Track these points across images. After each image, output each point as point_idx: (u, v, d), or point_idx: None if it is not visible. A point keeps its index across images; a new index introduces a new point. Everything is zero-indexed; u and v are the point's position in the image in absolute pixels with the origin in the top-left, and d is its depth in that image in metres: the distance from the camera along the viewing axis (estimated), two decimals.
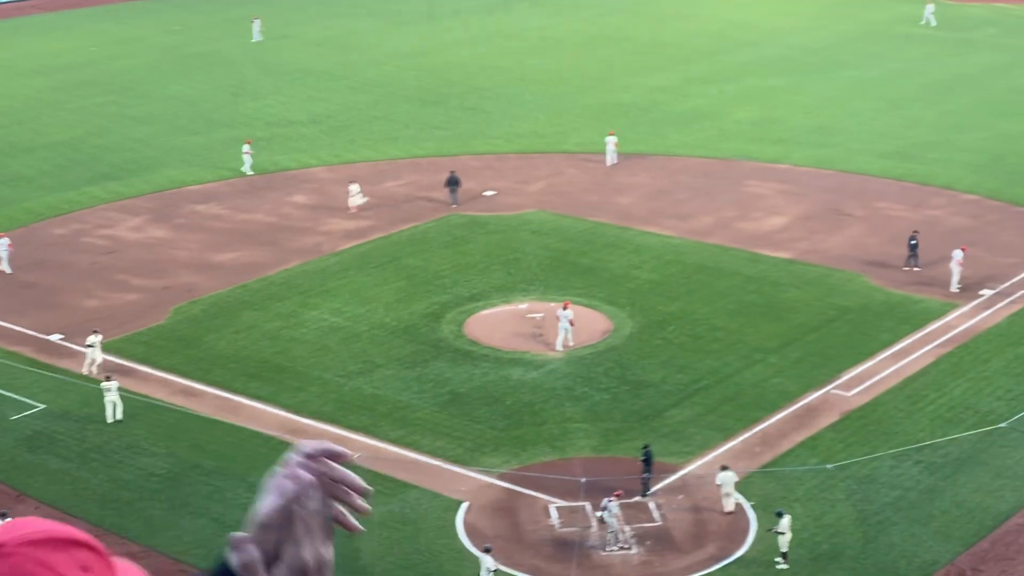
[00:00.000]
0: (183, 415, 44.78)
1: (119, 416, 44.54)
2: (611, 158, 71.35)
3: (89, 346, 47.67)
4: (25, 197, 68.02)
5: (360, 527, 3.29)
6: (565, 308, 49.51)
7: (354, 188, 64.27)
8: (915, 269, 55.62)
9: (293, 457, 3.25)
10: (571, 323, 49.00)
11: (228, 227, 63.40)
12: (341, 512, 3.26)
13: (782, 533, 36.47)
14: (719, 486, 38.75)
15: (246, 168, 70.44)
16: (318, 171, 71.65)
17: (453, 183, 66.14)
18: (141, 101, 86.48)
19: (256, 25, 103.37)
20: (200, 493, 40.22)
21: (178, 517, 39.02)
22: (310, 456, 3.25)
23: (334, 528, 3.26)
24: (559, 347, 49.03)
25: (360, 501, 3.27)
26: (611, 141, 71.80)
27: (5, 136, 79.11)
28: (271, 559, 3.16)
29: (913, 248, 55.98)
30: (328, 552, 3.22)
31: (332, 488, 3.23)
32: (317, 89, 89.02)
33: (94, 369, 47.26)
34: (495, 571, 35.04)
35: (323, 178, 70.48)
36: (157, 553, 37.28)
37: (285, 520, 3.17)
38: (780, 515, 36.75)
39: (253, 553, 3.13)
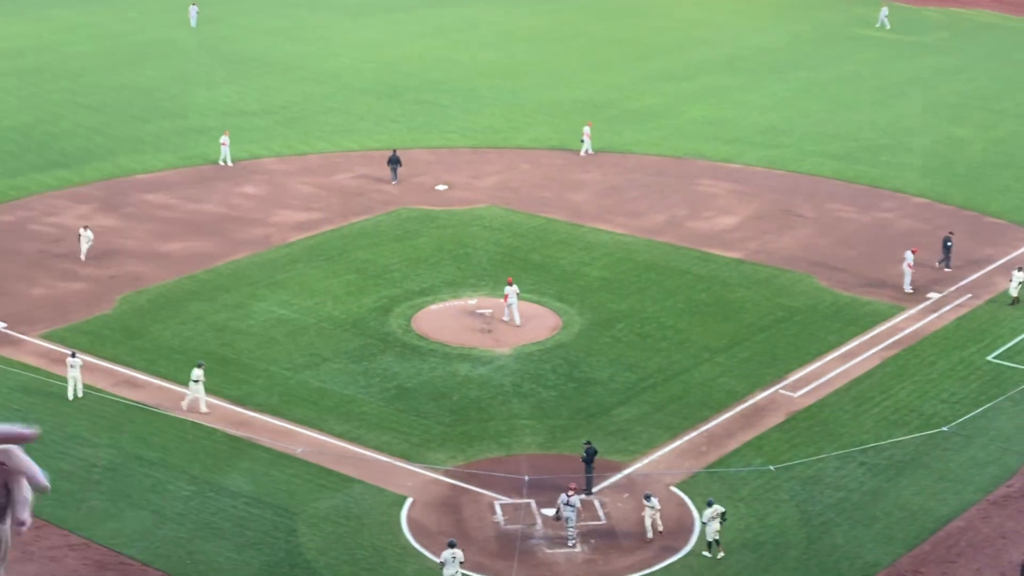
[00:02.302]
0: (126, 406, 44.33)
1: (79, 394, 44.36)
2: (586, 148, 72.00)
3: (195, 381, 43.63)
4: None
5: (46, 486, 3.29)
6: (510, 284, 50.88)
7: (87, 234, 56.42)
8: (946, 269, 56.22)
9: None
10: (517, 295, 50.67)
11: (177, 217, 62.88)
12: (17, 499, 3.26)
13: (705, 523, 36.64)
14: (654, 510, 37.70)
15: (225, 159, 69.60)
16: (269, 162, 71.20)
17: (394, 162, 67.29)
18: (93, 89, 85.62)
19: (193, 11, 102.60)
20: (142, 485, 39.82)
21: (119, 509, 38.61)
22: None
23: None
24: (518, 322, 50.24)
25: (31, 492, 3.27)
26: (587, 132, 72.46)
27: None
28: None
29: (947, 249, 56.51)
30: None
31: (8, 475, 3.25)
32: (272, 79, 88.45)
33: (201, 407, 43.66)
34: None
35: (274, 169, 70.05)
36: (97, 544, 36.89)
37: None
38: (710, 504, 36.93)
39: None
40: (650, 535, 37.37)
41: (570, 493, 37.35)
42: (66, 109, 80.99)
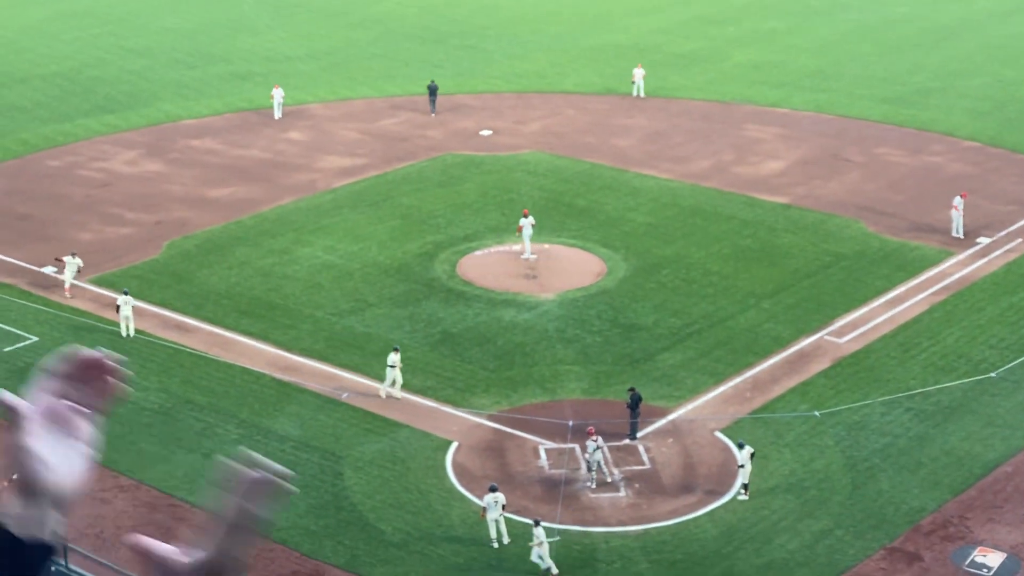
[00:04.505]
0: (175, 350, 44.74)
1: (131, 333, 45.01)
2: (638, 91, 71.82)
3: (391, 366, 41.49)
4: (20, 128, 67.65)
5: (123, 387, 3.20)
6: (526, 215, 51.70)
7: (75, 261, 48.82)
8: None
9: (40, 381, 3.15)
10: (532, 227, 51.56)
11: (223, 162, 63.13)
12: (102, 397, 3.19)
13: (742, 466, 36.69)
14: (538, 543, 34.30)
15: (277, 114, 68.91)
16: (314, 107, 71.22)
17: (432, 92, 68.54)
18: (138, 33, 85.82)
19: None
20: (192, 428, 40.26)
21: (170, 452, 39.06)
22: (58, 376, 3.14)
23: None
24: (530, 255, 51.39)
25: (114, 385, 3.19)
26: (639, 74, 72.14)
27: (0, 66, 78.55)
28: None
29: None
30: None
31: (88, 393, 3.16)
32: (316, 24, 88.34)
33: (396, 392, 41.52)
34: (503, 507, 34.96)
35: (319, 115, 70.08)
36: (148, 487, 37.38)
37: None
38: (741, 446, 36.97)
39: None
40: (544, 566, 34.06)
41: (594, 438, 37.50)
42: (111, 54, 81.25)
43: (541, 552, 34.12)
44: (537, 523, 34.40)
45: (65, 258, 48.96)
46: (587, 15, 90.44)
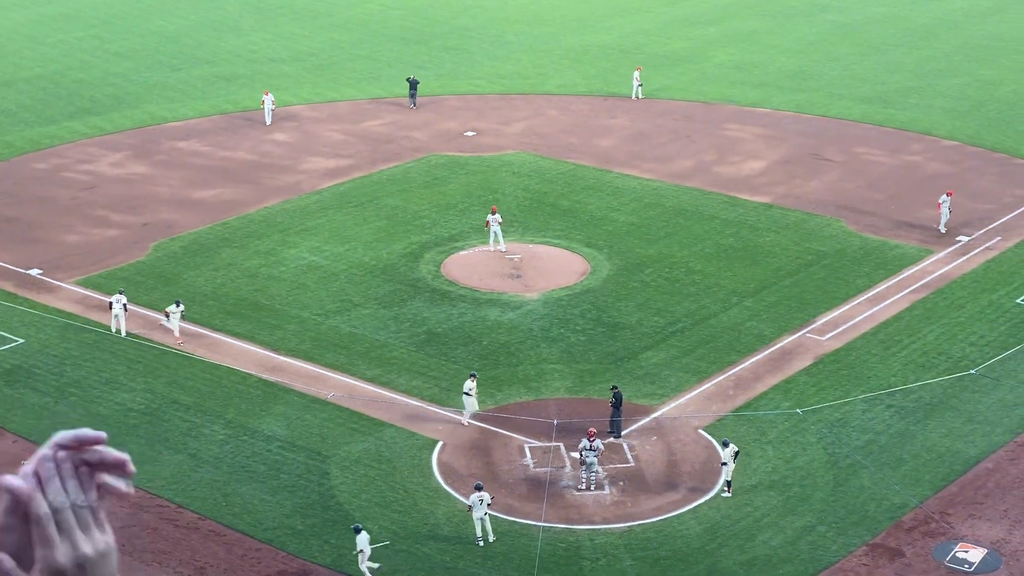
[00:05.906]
0: (161, 351, 44.94)
1: (123, 331, 45.56)
2: (636, 92, 72.31)
3: (467, 394, 40.59)
4: (5, 131, 67.70)
5: (129, 489, 3.10)
6: (494, 212, 52.87)
7: (177, 308, 46.12)
8: None
9: (39, 453, 3.05)
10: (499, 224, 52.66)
11: (209, 164, 63.31)
12: (106, 486, 3.07)
13: (725, 463, 37.14)
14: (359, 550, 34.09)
15: (268, 119, 68.50)
16: (300, 109, 71.44)
17: (412, 86, 69.69)
18: (122, 36, 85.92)
19: None
20: (178, 429, 40.47)
21: (156, 452, 39.25)
22: (60, 447, 3.06)
23: (101, 513, 3.06)
24: (503, 248, 52.35)
25: (120, 481, 3.09)
26: (636, 76, 72.50)
27: None
28: (29, 561, 2.94)
29: None
30: (91, 547, 2.99)
31: (89, 472, 3.05)
32: (300, 26, 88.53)
33: (464, 420, 40.88)
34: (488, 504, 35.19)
35: (304, 116, 70.30)
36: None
37: (21, 521, 2.96)
38: (725, 444, 37.44)
39: (4, 562, 2.93)
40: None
41: (591, 438, 37.70)
42: (95, 56, 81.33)
43: (367, 562, 33.59)
44: (358, 530, 33.93)
45: (168, 309, 46.15)
46: (569, 16, 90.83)
